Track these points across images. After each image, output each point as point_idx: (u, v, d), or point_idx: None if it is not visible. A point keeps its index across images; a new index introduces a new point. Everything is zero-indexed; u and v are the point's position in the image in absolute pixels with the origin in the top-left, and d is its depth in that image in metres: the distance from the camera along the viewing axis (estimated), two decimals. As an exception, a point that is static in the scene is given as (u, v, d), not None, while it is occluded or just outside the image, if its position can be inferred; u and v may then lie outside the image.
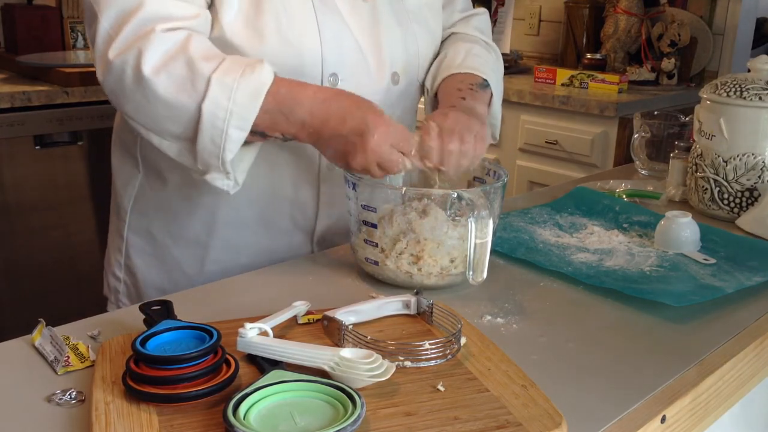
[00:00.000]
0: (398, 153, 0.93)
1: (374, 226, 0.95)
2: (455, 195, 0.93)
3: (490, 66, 1.18)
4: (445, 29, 1.23)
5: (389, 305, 0.86)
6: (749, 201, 1.25)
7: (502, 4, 3.34)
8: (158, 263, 1.17)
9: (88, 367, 0.74)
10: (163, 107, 0.92)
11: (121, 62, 0.91)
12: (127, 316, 0.85)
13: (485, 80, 1.14)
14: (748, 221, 1.22)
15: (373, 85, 1.08)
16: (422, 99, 1.21)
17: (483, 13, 1.28)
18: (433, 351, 0.74)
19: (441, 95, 1.12)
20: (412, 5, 1.13)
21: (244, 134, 0.92)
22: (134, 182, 1.16)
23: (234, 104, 0.90)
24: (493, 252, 0.95)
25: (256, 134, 0.94)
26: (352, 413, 0.61)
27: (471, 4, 1.30)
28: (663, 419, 0.71)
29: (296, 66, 1.00)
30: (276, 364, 0.71)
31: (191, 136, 0.93)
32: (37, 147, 2.29)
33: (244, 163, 0.97)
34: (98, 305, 1.24)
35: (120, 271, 1.20)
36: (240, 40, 0.98)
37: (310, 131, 0.93)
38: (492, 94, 1.15)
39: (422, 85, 1.18)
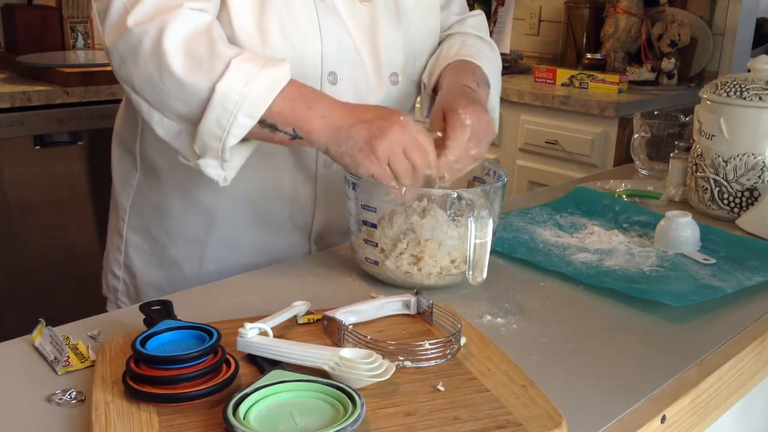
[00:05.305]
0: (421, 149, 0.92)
1: (374, 226, 0.95)
2: (455, 195, 0.93)
3: (485, 55, 1.17)
4: (443, 32, 1.23)
5: (389, 305, 0.86)
6: (749, 201, 1.25)
7: (502, 4, 3.34)
8: (156, 262, 1.17)
9: (88, 367, 0.74)
10: (174, 84, 0.90)
11: (141, 31, 0.90)
12: (127, 316, 0.85)
13: (484, 73, 1.13)
14: (748, 221, 1.22)
15: (371, 86, 1.08)
16: (417, 98, 1.21)
17: (479, 14, 1.29)
18: (433, 351, 0.74)
19: (445, 88, 1.09)
20: (411, 6, 1.13)
21: (251, 122, 0.91)
22: (132, 181, 1.16)
23: (250, 90, 0.89)
24: (493, 252, 0.95)
25: (266, 126, 0.92)
26: (352, 413, 0.61)
27: (467, 7, 1.30)
28: (663, 419, 0.71)
29: (297, 64, 1.01)
30: (276, 364, 0.71)
31: (196, 118, 0.91)
32: (37, 147, 2.29)
33: (236, 159, 0.95)
34: (98, 305, 1.24)
35: (119, 270, 1.20)
36: (245, 37, 0.98)
37: (329, 123, 0.91)
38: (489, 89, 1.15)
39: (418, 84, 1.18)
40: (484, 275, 0.91)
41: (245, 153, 0.97)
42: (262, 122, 0.91)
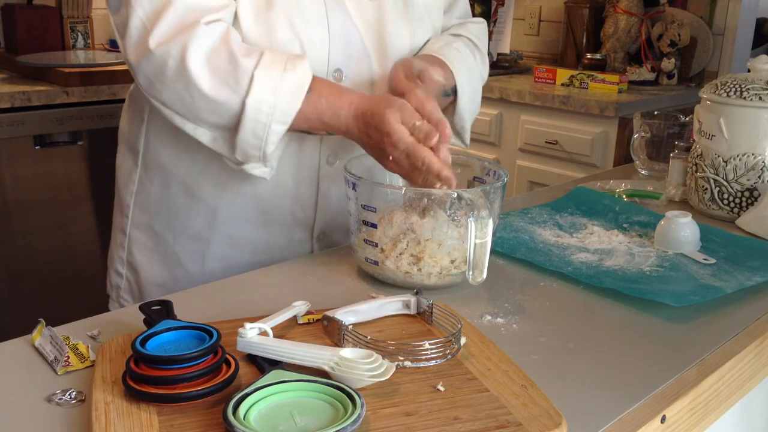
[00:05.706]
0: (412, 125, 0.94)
1: (374, 226, 0.95)
2: (455, 195, 0.93)
3: (465, 62, 1.15)
4: (442, 32, 1.23)
5: (389, 305, 0.86)
6: (749, 201, 1.25)
7: (502, 4, 3.34)
8: (160, 260, 1.17)
9: (88, 367, 0.74)
10: (204, 101, 0.94)
11: (163, 53, 0.93)
12: (127, 316, 0.85)
13: (453, 78, 1.12)
14: (748, 221, 1.22)
15: (376, 83, 1.09)
16: None
17: (480, 21, 1.28)
18: (433, 351, 0.74)
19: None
20: (419, 5, 1.13)
21: (285, 127, 0.96)
22: (134, 178, 1.17)
23: (278, 99, 0.94)
24: (493, 252, 0.95)
25: (303, 132, 1.01)
26: (352, 413, 0.61)
27: (470, 12, 1.30)
28: (663, 419, 0.71)
29: None
30: (276, 364, 0.71)
31: (231, 127, 0.97)
32: (37, 147, 2.29)
33: (278, 150, 1.00)
34: (98, 305, 1.24)
35: (122, 267, 1.21)
36: (250, 31, 0.99)
37: (348, 136, 0.99)
38: (455, 102, 1.14)
39: None
40: (484, 275, 0.91)
41: (282, 143, 1.00)
42: (297, 130, 0.99)
